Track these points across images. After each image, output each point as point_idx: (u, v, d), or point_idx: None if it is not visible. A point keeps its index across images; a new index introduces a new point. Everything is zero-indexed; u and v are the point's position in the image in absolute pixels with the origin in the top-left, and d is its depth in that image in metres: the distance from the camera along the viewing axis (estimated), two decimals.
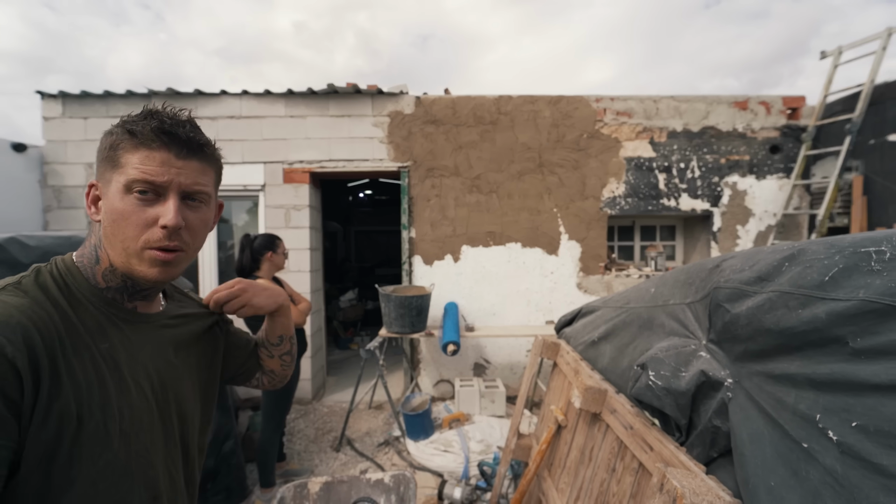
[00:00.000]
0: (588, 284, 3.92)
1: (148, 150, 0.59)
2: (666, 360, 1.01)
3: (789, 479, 0.64)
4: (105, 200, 0.61)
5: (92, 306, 0.61)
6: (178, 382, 0.71)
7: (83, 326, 0.59)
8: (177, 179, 0.61)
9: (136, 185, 0.59)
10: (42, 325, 0.54)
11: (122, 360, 0.62)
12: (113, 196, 0.60)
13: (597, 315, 1.64)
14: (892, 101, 3.24)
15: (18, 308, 0.53)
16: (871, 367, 0.57)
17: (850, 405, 0.58)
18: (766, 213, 3.92)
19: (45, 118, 3.74)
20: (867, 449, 0.55)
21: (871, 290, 0.59)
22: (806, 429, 0.63)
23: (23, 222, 3.57)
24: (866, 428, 0.55)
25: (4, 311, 0.52)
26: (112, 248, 0.61)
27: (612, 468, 1.20)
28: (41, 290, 0.57)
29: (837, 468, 0.57)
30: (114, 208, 0.60)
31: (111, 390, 0.59)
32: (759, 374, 0.77)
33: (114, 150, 0.60)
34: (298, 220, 3.82)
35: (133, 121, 0.60)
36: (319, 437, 3.29)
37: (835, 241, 0.70)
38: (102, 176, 0.61)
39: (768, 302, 0.75)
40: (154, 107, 0.62)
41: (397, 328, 3.30)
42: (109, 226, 0.60)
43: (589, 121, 3.85)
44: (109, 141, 0.60)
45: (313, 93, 3.75)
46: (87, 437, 0.55)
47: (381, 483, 1.49)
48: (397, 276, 4.46)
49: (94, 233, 0.65)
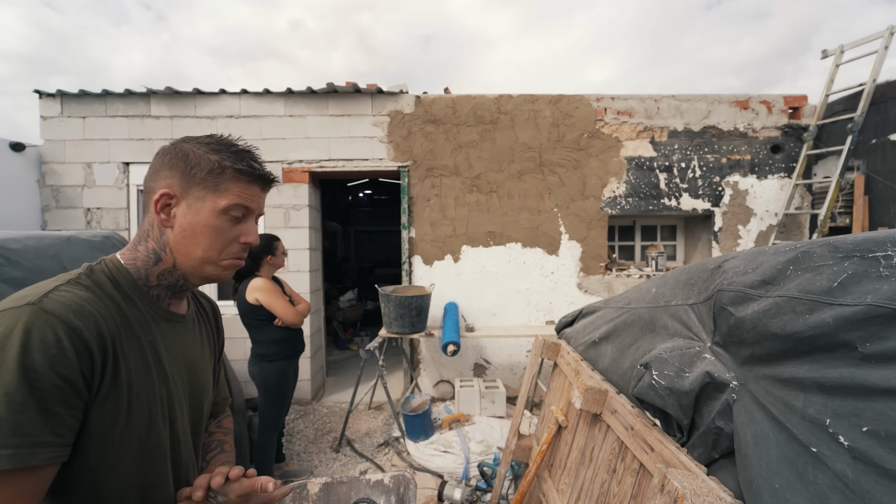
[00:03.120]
0: (588, 284, 3.91)
1: (246, 183, 0.72)
2: (670, 361, 1.00)
3: (795, 481, 0.64)
4: (188, 213, 0.69)
5: (139, 301, 0.69)
6: (202, 377, 0.80)
7: (133, 319, 0.66)
8: (259, 208, 0.76)
9: (234, 209, 0.71)
10: (106, 316, 0.61)
11: (162, 352, 0.70)
12: (205, 213, 0.69)
13: (597, 315, 1.63)
14: (893, 101, 3.23)
15: (87, 299, 0.60)
16: (880, 371, 0.57)
17: (860, 410, 0.58)
18: (767, 212, 3.91)
19: (43, 117, 3.73)
20: (879, 454, 0.54)
21: (879, 295, 0.59)
22: (815, 433, 0.63)
23: (21, 222, 3.56)
24: (877, 433, 0.55)
25: (78, 301, 0.58)
26: (186, 254, 0.70)
27: (613, 469, 1.19)
28: (98, 286, 0.64)
29: (848, 473, 0.57)
30: (204, 223, 0.69)
31: (155, 378, 0.67)
32: (766, 377, 0.77)
33: (215, 177, 0.69)
34: (298, 220, 3.81)
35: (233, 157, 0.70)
36: (319, 437, 3.28)
37: (838, 242, 0.69)
38: (188, 191, 0.69)
39: (775, 307, 0.74)
40: (241, 144, 0.73)
41: (397, 328, 3.29)
42: (191, 235, 0.69)
43: (589, 120, 3.84)
44: (208, 166, 0.69)
45: (313, 92, 3.74)
46: (136, 419, 0.62)
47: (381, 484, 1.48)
48: (397, 276, 4.45)
49: (153, 237, 0.71)
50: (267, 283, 2.28)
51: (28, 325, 0.53)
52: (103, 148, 3.74)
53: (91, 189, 3.76)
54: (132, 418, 0.62)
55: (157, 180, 0.70)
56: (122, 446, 0.61)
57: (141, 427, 0.63)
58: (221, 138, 0.73)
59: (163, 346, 0.70)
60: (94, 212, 3.76)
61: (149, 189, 0.71)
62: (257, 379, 2.37)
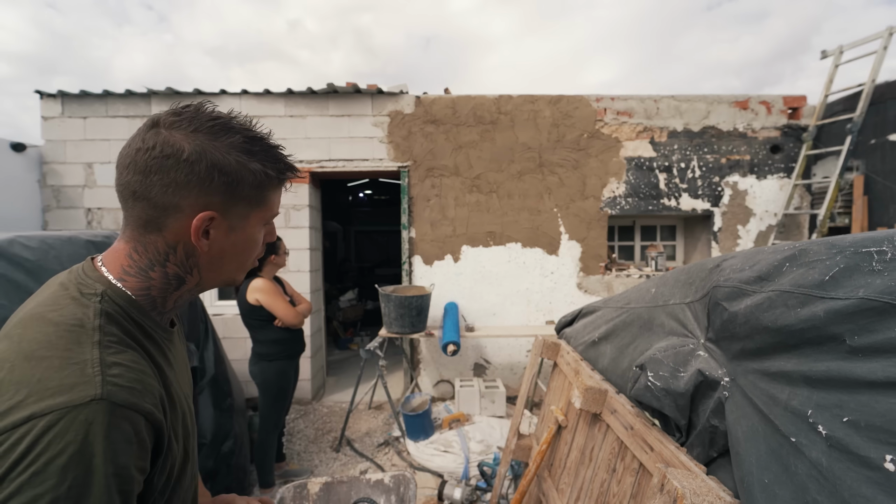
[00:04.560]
0: (588, 284, 3.91)
1: (279, 186, 0.65)
2: (664, 361, 1.00)
3: (781, 474, 0.64)
4: (231, 234, 0.61)
5: (157, 335, 0.60)
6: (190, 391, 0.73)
7: (157, 358, 0.58)
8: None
9: (274, 217, 0.67)
10: (152, 373, 0.53)
11: (173, 376, 0.61)
12: (249, 230, 0.63)
13: (597, 315, 1.64)
14: (892, 101, 3.23)
15: (138, 365, 0.51)
16: (867, 364, 0.58)
17: (844, 402, 0.59)
18: (766, 212, 3.92)
19: (43, 118, 3.74)
20: (855, 443, 0.55)
21: (871, 288, 0.59)
22: (796, 424, 0.64)
23: (22, 222, 3.57)
24: (857, 423, 0.56)
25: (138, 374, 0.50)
26: (218, 271, 0.63)
27: (613, 468, 1.19)
28: (129, 335, 0.54)
29: (823, 461, 0.58)
30: (252, 239, 0.64)
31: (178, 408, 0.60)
32: (754, 371, 0.77)
33: (260, 191, 0.61)
34: (298, 220, 3.81)
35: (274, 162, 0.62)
36: (319, 437, 3.28)
37: (836, 241, 0.70)
38: (231, 210, 0.59)
39: (767, 301, 0.75)
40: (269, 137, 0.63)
41: (397, 328, 3.29)
42: (230, 254, 0.62)
43: (589, 120, 3.85)
44: (253, 179, 0.59)
45: (313, 92, 3.74)
46: (179, 465, 0.57)
47: (381, 483, 1.48)
48: (397, 276, 4.46)
49: (175, 262, 0.59)
50: (267, 283, 2.29)
51: (107, 429, 0.43)
52: (104, 148, 3.75)
53: (92, 189, 3.76)
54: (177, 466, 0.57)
55: (184, 197, 0.55)
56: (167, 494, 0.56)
57: (182, 469, 0.59)
58: (250, 133, 0.60)
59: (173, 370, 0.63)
60: (94, 212, 3.76)
61: (167, 205, 0.55)
62: (257, 378, 2.37)
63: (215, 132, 0.57)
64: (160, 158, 0.54)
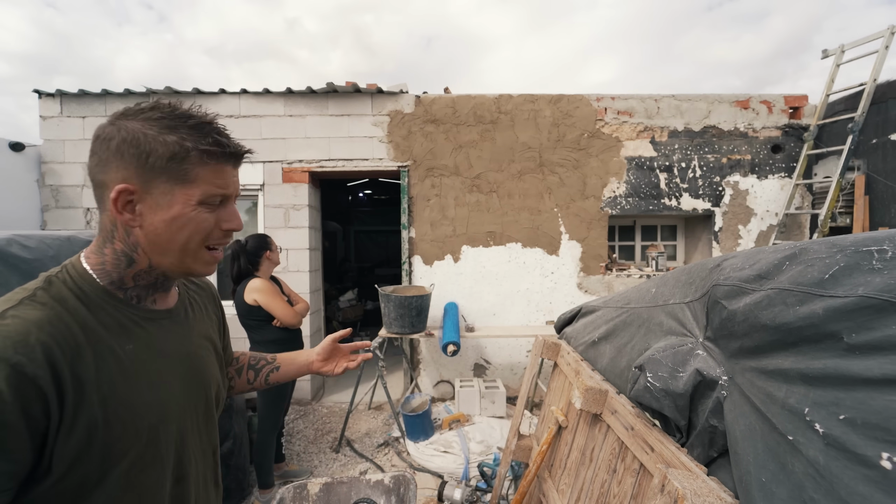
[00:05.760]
0: (589, 284, 3.91)
1: (216, 164, 0.63)
2: (663, 361, 1.00)
3: (779, 472, 0.64)
4: (158, 211, 0.61)
5: (112, 309, 0.62)
6: (205, 366, 0.76)
7: (105, 330, 0.60)
8: (236, 190, 0.68)
9: (211, 198, 0.63)
10: (61, 338, 0.54)
11: (149, 357, 0.64)
12: (177, 208, 0.61)
13: (597, 315, 1.63)
14: (894, 100, 3.22)
15: (37, 324, 0.53)
16: (864, 362, 0.58)
17: (840, 399, 0.58)
18: (767, 212, 3.91)
19: (42, 117, 3.74)
20: (852, 440, 0.55)
21: (871, 287, 0.59)
22: (793, 422, 0.64)
23: (21, 221, 3.57)
24: (853, 421, 0.56)
25: (23, 329, 0.51)
26: (161, 253, 0.63)
27: (613, 469, 1.18)
28: (57, 301, 0.57)
29: (820, 459, 0.58)
30: (182, 216, 0.62)
31: (139, 388, 0.61)
32: (752, 370, 0.77)
33: (178, 163, 0.60)
34: (298, 220, 3.81)
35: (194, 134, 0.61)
36: (319, 437, 3.27)
37: (837, 240, 0.70)
38: (150, 185, 0.60)
39: (766, 299, 0.75)
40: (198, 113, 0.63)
41: (397, 328, 3.29)
42: (164, 233, 0.62)
43: (589, 120, 3.84)
44: (167, 151, 0.59)
45: (313, 92, 3.74)
46: (115, 436, 0.57)
47: (381, 484, 1.48)
48: (397, 276, 4.45)
49: (118, 238, 0.62)
50: (265, 283, 2.28)
51: None
52: None
53: (91, 189, 3.76)
54: (111, 437, 0.57)
55: (106, 172, 0.59)
56: (105, 464, 0.57)
57: (123, 442, 0.58)
58: (173, 109, 0.62)
59: (150, 351, 0.64)
60: (93, 212, 3.76)
61: (99, 183, 0.60)
62: None
63: (150, 118, 0.60)
64: (94, 142, 0.61)
